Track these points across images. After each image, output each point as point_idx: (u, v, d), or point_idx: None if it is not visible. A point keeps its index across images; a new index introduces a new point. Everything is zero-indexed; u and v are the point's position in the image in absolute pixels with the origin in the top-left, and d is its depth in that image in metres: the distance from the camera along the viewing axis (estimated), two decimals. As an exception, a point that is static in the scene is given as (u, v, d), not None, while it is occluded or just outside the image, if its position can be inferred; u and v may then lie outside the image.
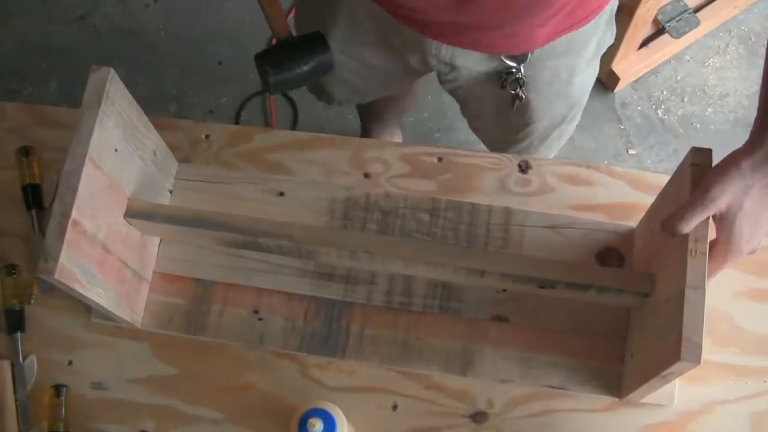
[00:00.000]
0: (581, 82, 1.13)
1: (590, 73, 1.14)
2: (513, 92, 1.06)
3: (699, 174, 0.82)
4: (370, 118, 1.80)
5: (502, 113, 1.15)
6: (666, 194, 0.91)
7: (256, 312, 1.00)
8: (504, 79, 1.05)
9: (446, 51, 1.02)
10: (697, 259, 0.79)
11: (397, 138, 1.91)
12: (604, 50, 1.12)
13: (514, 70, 1.03)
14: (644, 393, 0.89)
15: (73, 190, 0.80)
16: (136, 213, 0.91)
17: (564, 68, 1.07)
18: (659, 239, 0.88)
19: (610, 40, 1.11)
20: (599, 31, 1.05)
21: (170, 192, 1.04)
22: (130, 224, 0.92)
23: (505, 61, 1.02)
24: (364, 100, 1.35)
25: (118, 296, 0.91)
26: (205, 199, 1.04)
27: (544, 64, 1.04)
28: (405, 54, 1.07)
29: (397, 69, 1.13)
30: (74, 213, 0.80)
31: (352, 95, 1.29)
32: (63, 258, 0.78)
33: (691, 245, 0.79)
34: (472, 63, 1.04)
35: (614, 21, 1.09)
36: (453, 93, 1.19)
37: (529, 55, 1.01)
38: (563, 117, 1.20)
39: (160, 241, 1.02)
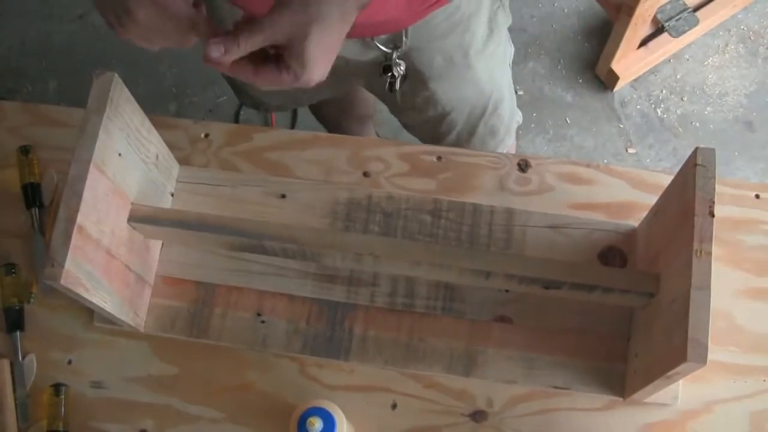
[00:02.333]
0: (486, 65, 1.11)
1: (496, 56, 1.13)
2: (388, 78, 1.06)
3: (704, 174, 0.82)
4: (330, 128, 1.78)
5: (418, 109, 1.16)
6: (669, 194, 0.91)
7: (258, 315, 1.00)
8: (384, 68, 1.05)
9: None
10: (702, 260, 0.79)
11: None
12: (503, 30, 1.11)
13: (391, 55, 1.03)
14: (648, 393, 0.89)
15: (79, 196, 0.80)
16: (139, 217, 0.91)
17: (455, 49, 1.06)
18: (663, 239, 0.88)
19: (505, 20, 1.10)
20: (483, 8, 1.05)
21: (172, 195, 1.04)
22: (134, 228, 0.92)
23: (380, 47, 1.02)
24: (301, 103, 1.34)
25: (122, 300, 0.91)
26: (207, 201, 1.04)
27: (431, 47, 1.04)
28: None
29: None
30: (79, 218, 0.80)
31: (286, 100, 1.31)
32: (69, 264, 0.78)
33: (696, 246, 0.80)
34: (354, 53, 1.04)
35: (504, 2, 1.09)
36: (376, 95, 1.20)
37: (403, 41, 1.01)
38: (483, 107, 1.19)
39: (162, 244, 1.02)
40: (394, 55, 1.03)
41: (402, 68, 1.05)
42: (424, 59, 1.06)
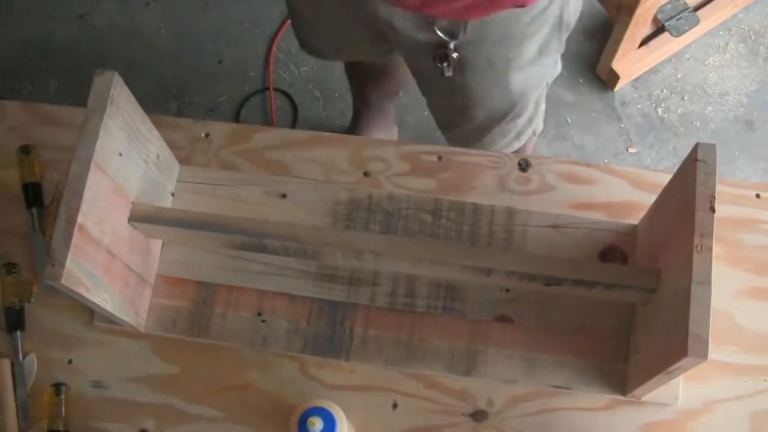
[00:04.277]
0: (522, 80, 1.14)
1: (533, 75, 1.16)
2: (439, 65, 1.07)
3: (705, 169, 0.82)
4: (358, 102, 1.84)
5: (445, 93, 1.18)
6: (670, 190, 0.91)
7: (259, 314, 1.00)
8: (436, 52, 1.06)
9: (385, 10, 1.03)
10: (703, 255, 0.79)
11: (393, 135, 1.92)
12: (551, 56, 1.14)
13: (447, 43, 1.04)
14: (649, 389, 0.89)
15: (79, 195, 0.80)
16: (140, 217, 0.91)
17: (499, 58, 1.09)
18: (663, 235, 0.88)
19: (556, 49, 1.14)
20: (541, 33, 1.06)
21: (172, 195, 1.04)
22: (135, 228, 0.92)
23: (438, 32, 1.02)
24: (342, 57, 1.42)
25: (123, 300, 0.91)
26: (207, 201, 1.04)
27: (480, 49, 1.06)
28: (352, 3, 1.08)
29: (351, 24, 1.15)
30: (80, 218, 0.80)
31: (329, 47, 1.33)
32: (69, 263, 0.78)
33: (697, 240, 0.80)
34: (408, 27, 1.05)
35: (562, 35, 1.11)
36: (410, 68, 1.22)
37: (461, 33, 1.02)
38: (503, 113, 1.22)
39: (163, 243, 1.02)
40: (452, 44, 1.04)
41: (455, 56, 1.06)
42: (469, 54, 1.07)
